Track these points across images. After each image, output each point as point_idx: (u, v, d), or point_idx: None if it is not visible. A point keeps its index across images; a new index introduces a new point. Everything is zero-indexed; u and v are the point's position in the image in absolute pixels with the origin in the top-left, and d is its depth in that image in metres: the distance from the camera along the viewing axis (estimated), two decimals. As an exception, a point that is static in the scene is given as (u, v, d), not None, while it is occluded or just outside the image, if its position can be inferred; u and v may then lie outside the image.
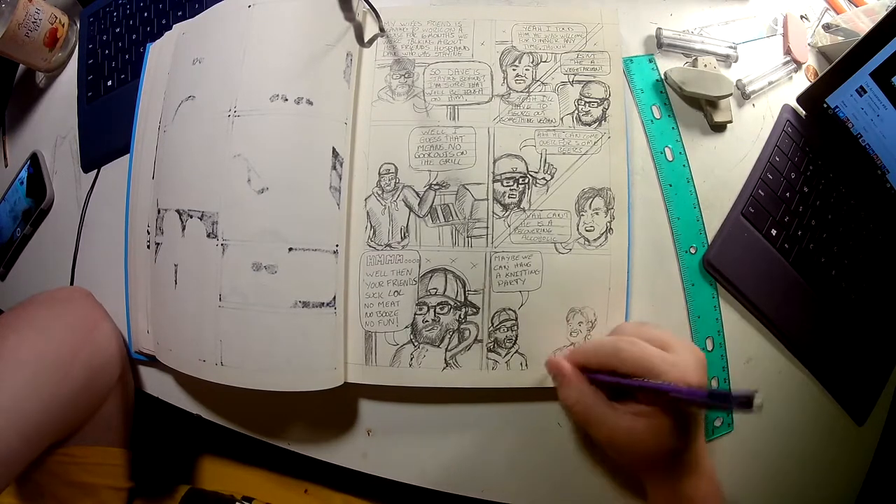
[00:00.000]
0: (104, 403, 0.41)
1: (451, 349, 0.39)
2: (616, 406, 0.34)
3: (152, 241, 0.41)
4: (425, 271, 0.40)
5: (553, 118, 0.42)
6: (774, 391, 0.42)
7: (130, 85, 0.51)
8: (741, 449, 0.41)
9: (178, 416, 0.43)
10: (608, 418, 0.33)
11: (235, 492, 0.46)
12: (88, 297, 0.46)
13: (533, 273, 0.40)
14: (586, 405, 0.34)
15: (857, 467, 0.45)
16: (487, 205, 0.40)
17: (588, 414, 0.34)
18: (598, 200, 0.40)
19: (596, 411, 0.34)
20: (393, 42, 0.44)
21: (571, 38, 0.43)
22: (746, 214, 0.43)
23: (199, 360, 0.37)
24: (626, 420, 0.33)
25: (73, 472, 0.41)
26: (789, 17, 0.50)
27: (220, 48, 0.41)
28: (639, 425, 0.33)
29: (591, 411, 0.34)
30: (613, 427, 0.33)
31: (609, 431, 0.33)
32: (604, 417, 0.34)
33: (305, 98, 0.38)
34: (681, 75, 0.44)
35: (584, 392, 0.35)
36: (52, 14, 0.54)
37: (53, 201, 0.53)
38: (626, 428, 0.33)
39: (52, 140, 0.55)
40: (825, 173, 0.47)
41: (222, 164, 0.38)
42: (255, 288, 0.37)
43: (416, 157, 0.41)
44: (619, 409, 0.34)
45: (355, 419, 0.41)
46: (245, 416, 0.42)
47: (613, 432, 0.33)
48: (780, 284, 0.43)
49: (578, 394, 0.35)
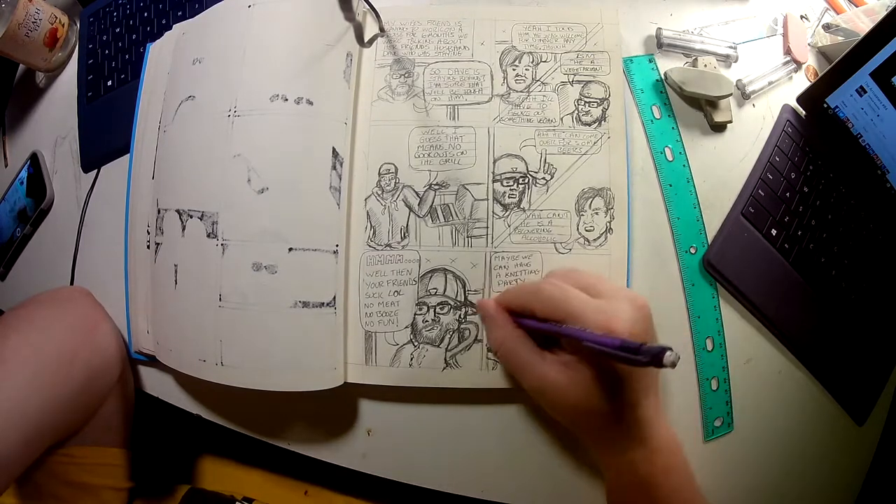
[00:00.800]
0: (104, 404, 0.41)
1: (451, 349, 0.39)
2: (545, 354, 0.32)
3: (152, 241, 0.41)
4: (425, 271, 0.40)
5: (553, 118, 0.42)
6: (774, 391, 0.42)
7: (130, 85, 0.51)
8: (741, 449, 0.41)
9: (178, 416, 0.43)
10: (535, 366, 0.31)
11: (235, 492, 0.46)
12: (88, 297, 0.46)
13: (533, 273, 0.40)
14: (511, 349, 0.32)
15: (857, 467, 0.45)
16: (487, 205, 0.40)
17: (514, 359, 0.32)
18: (597, 200, 0.40)
19: (522, 357, 0.32)
20: (393, 42, 0.44)
21: (571, 38, 0.43)
22: (746, 214, 0.43)
23: (199, 360, 0.37)
24: (552, 369, 0.31)
25: (72, 472, 0.41)
26: (789, 17, 0.50)
27: (220, 48, 0.41)
28: (562, 377, 0.30)
29: (517, 356, 0.32)
30: (540, 376, 0.31)
31: (536, 380, 0.31)
32: (531, 365, 0.31)
33: (305, 98, 0.38)
34: (681, 75, 0.44)
35: (509, 335, 0.32)
36: (52, 14, 0.54)
37: (53, 201, 0.53)
38: (552, 379, 0.30)
39: (52, 140, 0.55)
40: (825, 173, 0.47)
41: (222, 164, 0.38)
42: (255, 288, 0.37)
43: (416, 157, 0.41)
44: (547, 357, 0.31)
45: (355, 419, 0.41)
46: (245, 416, 0.42)
47: (541, 382, 0.31)
48: (780, 284, 0.43)
49: (503, 336, 0.33)
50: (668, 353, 0.24)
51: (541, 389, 0.31)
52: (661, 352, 0.24)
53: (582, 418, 0.31)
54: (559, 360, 0.31)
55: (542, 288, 0.32)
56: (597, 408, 0.30)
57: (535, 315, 0.32)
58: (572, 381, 0.30)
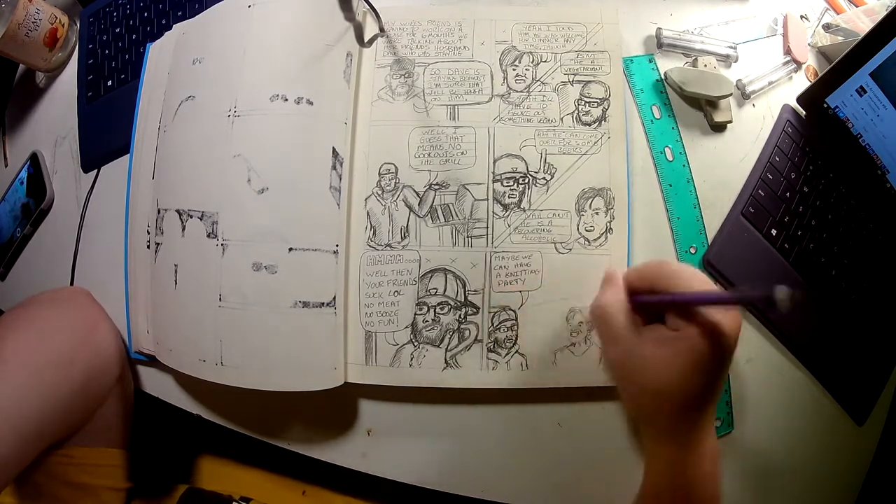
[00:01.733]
0: (103, 404, 0.41)
1: (451, 349, 0.39)
2: (642, 330, 0.31)
3: (152, 241, 0.41)
4: (425, 271, 0.40)
5: (553, 118, 0.42)
6: (774, 391, 0.42)
7: (130, 85, 0.51)
8: (741, 449, 0.41)
9: (178, 416, 0.43)
10: (629, 337, 0.31)
11: (234, 492, 0.46)
12: (88, 297, 0.46)
13: (533, 273, 0.40)
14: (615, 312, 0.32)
15: (857, 467, 0.45)
16: (487, 205, 0.40)
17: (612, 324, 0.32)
18: (598, 200, 0.40)
19: (620, 325, 0.31)
20: (393, 42, 0.44)
21: (571, 38, 0.43)
22: (746, 214, 0.43)
23: (199, 360, 0.37)
24: (648, 345, 0.30)
25: (71, 472, 0.41)
26: (789, 17, 0.50)
27: (220, 48, 0.41)
28: (660, 352, 0.30)
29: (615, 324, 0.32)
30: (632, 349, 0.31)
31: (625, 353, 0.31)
32: (625, 335, 0.31)
33: (305, 98, 0.38)
34: (681, 75, 0.44)
35: (619, 300, 0.32)
36: (52, 14, 0.54)
37: (53, 201, 0.53)
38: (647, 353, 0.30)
39: (52, 140, 0.55)
40: (825, 173, 0.47)
41: (222, 164, 0.38)
42: (255, 288, 0.37)
43: (416, 157, 0.41)
44: (645, 333, 0.31)
45: (355, 419, 0.41)
46: (245, 416, 0.42)
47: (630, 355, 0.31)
48: (781, 284, 0.43)
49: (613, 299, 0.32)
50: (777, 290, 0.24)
51: (627, 363, 0.31)
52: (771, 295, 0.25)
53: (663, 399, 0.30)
54: (656, 337, 0.30)
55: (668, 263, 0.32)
56: (687, 388, 0.29)
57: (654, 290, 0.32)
58: (669, 357, 0.29)
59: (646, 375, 0.30)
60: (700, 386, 0.29)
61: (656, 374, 0.30)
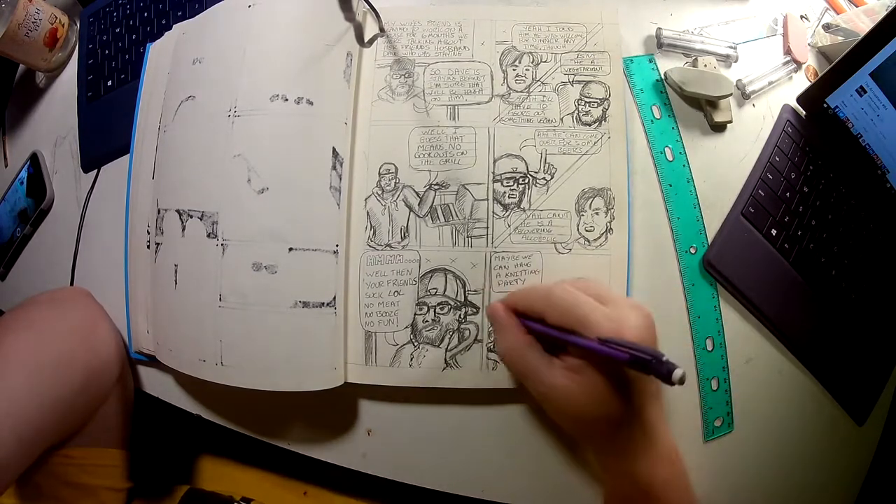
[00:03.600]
0: (103, 405, 0.41)
1: (451, 349, 0.39)
2: (553, 360, 0.31)
3: (152, 241, 0.41)
4: (425, 271, 0.40)
5: (553, 118, 0.42)
6: (774, 391, 0.42)
7: (130, 85, 0.51)
8: (741, 449, 0.41)
9: (178, 416, 0.43)
10: (542, 372, 0.30)
11: (234, 492, 0.46)
12: (88, 298, 0.46)
13: (533, 273, 0.40)
14: (519, 354, 0.32)
15: (857, 467, 0.45)
16: (487, 205, 0.40)
17: (521, 364, 0.32)
18: (598, 200, 0.40)
19: (530, 363, 0.31)
20: (393, 42, 0.44)
21: (571, 38, 0.43)
22: (746, 214, 0.43)
23: (199, 360, 0.37)
24: (559, 376, 0.30)
25: (72, 473, 0.41)
26: (789, 17, 0.50)
27: (220, 48, 0.41)
28: (571, 383, 0.29)
29: (525, 362, 0.31)
30: (547, 382, 0.30)
31: (543, 387, 0.31)
32: (538, 371, 0.31)
33: (305, 98, 0.38)
34: (681, 75, 0.44)
35: (518, 340, 0.32)
36: (52, 14, 0.54)
37: (53, 201, 0.53)
38: (560, 385, 0.30)
39: (52, 140, 0.55)
40: (825, 173, 0.47)
41: (222, 164, 0.38)
42: (255, 288, 0.37)
43: (416, 157, 0.41)
44: (555, 363, 0.31)
45: (355, 419, 0.41)
46: (245, 416, 0.42)
47: (548, 388, 0.30)
48: (780, 284, 0.43)
49: (511, 341, 0.32)
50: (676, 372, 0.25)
51: (548, 396, 0.31)
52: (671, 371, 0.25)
53: (588, 425, 0.31)
54: (567, 366, 0.30)
55: (553, 292, 0.31)
56: (605, 413, 0.30)
57: (545, 320, 0.31)
58: (581, 386, 0.29)
59: (567, 403, 0.30)
60: (617, 411, 0.30)
61: (573, 404, 0.30)
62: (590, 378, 0.29)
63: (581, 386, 0.29)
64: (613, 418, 0.30)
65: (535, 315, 0.32)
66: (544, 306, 0.31)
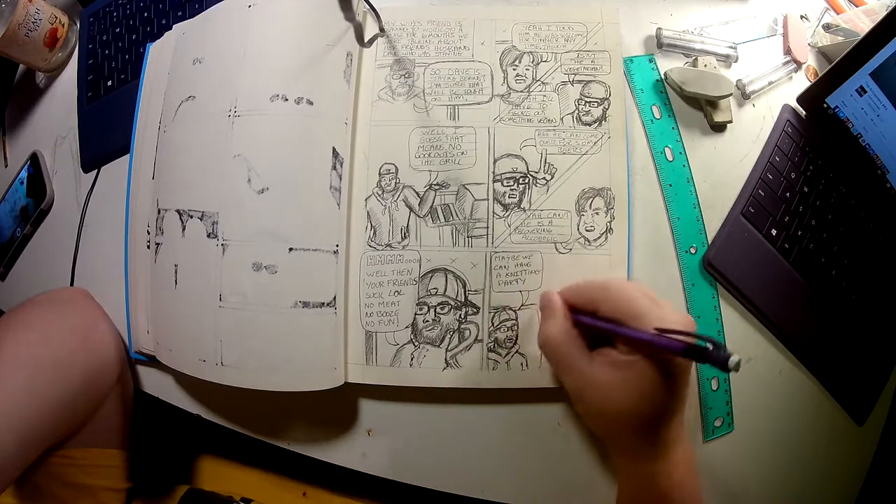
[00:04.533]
0: (103, 405, 0.41)
1: (452, 349, 0.39)
2: (593, 355, 0.31)
3: (152, 241, 0.41)
4: (426, 271, 0.40)
5: (553, 118, 0.42)
6: (774, 391, 0.42)
7: (130, 85, 0.51)
8: (741, 449, 0.41)
9: (178, 416, 0.43)
10: (581, 365, 0.31)
11: (234, 492, 0.46)
12: (88, 298, 0.46)
13: (533, 273, 0.40)
14: (561, 342, 0.32)
15: (857, 467, 0.45)
16: (488, 205, 0.40)
17: (561, 353, 0.32)
18: (598, 200, 0.40)
19: (572, 353, 0.31)
20: (393, 42, 0.44)
21: (572, 38, 0.43)
22: (746, 214, 0.43)
23: (199, 360, 0.37)
24: (600, 371, 0.30)
25: (71, 473, 0.41)
26: (789, 17, 0.50)
27: (220, 48, 0.41)
28: (614, 378, 0.30)
29: (566, 350, 0.31)
30: (586, 376, 0.30)
31: (581, 381, 0.31)
32: (577, 363, 0.31)
33: (305, 98, 0.38)
34: (681, 75, 0.44)
35: (564, 328, 0.32)
36: (52, 14, 0.54)
37: (53, 201, 0.53)
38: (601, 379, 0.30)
39: (52, 140, 0.55)
40: (825, 173, 0.47)
41: (222, 164, 0.38)
42: (256, 288, 0.36)
43: (417, 157, 0.41)
44: (596, 358, 0.31)
45: (355, 419, 0.41)
46: (245, 416, 0.42)
47: (585, 381, 0.30)
48: (780, 284, 0.43)
49: (558, 327, 0.32)
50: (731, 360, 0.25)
51: (584, 390, 0.31)
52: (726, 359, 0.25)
53: (621, 422, 0.31)
54: (608, 361, 0.30)
55: (612, 282, 0.31)
56: (643, 411, 0.29)
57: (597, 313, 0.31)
58: (624, 382, 0.29)
59: (602, 400, 0.30)
60: (657, 409, 0.30)
61: (612, 399, 0.30)
62: (637, 373, 0.29)
63: (625, 381, 0.29)
64: (650, 416, 0.30)
65: (587, 306, 0.32)
66: (601, 296, 0.31)
